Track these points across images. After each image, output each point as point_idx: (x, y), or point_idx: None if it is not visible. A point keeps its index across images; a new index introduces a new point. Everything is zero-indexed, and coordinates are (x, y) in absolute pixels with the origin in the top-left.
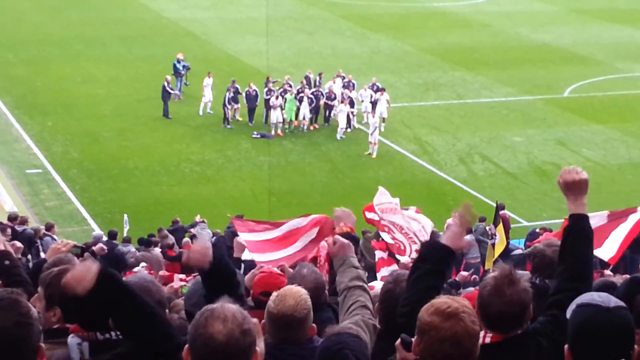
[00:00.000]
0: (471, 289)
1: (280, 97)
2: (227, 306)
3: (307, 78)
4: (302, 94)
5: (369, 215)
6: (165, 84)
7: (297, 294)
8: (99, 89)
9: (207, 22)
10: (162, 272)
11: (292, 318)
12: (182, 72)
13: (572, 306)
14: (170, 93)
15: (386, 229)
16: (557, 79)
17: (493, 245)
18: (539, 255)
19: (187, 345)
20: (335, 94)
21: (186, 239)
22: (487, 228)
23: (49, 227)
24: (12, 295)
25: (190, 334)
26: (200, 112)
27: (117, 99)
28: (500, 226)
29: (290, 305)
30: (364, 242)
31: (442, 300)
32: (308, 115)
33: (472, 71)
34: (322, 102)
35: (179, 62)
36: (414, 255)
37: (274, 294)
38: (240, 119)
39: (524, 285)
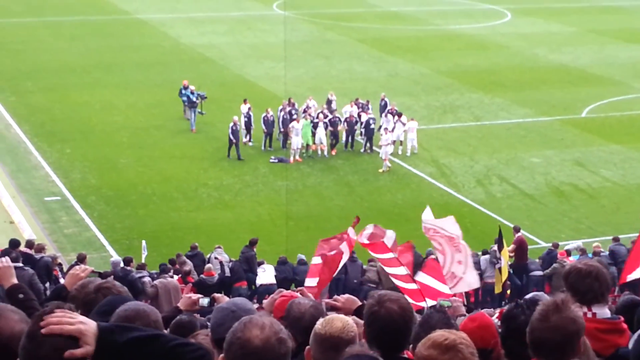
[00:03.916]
0: (490, 310)
1: (299, 121)
2: (264, 317)
3: (328, 103)
4: (317, 120)
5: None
6: (233, 125)
7: (344, 318)
8: (117, 115)
9: (224, 47)
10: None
11: (340, 339)
12: (197, 102)
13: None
14: (235, 135)
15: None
16: (575, 100)
17: (500, 269)
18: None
19: (221, 356)
20: (356, 119)
21: (209, 265)
22: (495, 251)
23: (82, 259)
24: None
25: (227, 341)
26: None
27: (135, 125)
28: (505, 250)
29: (338, 327)
30: (380, 267)
31: (439, 334)
32: (325, 140)
33: (489, 93)
34: (339, 127)
35: (185, 88)
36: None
37: (321, 319)
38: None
39: (572, 315)
